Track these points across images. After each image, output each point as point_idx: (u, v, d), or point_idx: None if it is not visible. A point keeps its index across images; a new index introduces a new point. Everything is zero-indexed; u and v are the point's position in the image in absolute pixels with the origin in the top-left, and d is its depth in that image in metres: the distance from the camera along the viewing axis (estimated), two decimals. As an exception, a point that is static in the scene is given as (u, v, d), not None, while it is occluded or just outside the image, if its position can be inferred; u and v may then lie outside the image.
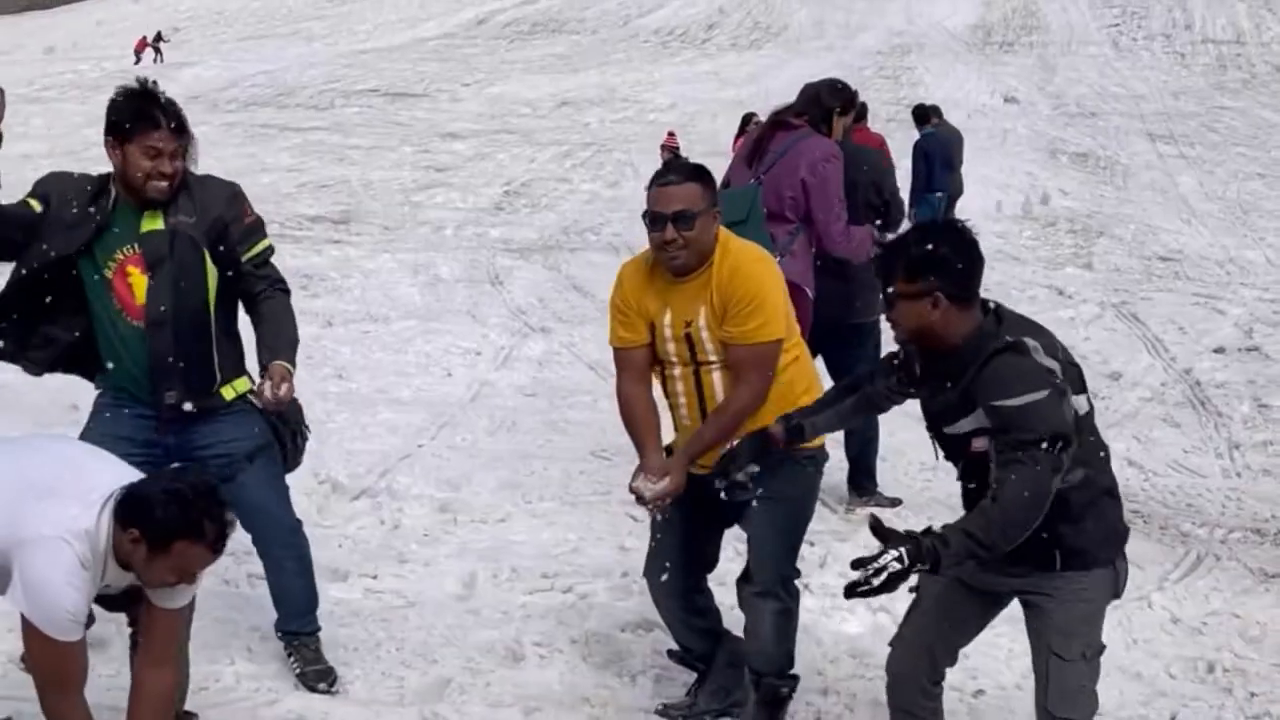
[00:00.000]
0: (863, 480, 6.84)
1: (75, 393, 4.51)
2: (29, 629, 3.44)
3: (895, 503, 6.78)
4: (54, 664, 3.49)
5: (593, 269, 15.15)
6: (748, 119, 17.22)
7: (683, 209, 4.07)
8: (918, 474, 7.40)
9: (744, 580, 4.43)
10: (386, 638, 5.09)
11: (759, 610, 4.35)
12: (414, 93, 35.64)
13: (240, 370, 4.48)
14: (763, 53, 43.60)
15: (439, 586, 5.64)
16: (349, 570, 5.71)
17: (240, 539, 4.96)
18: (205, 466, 4.35)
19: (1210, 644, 5.33)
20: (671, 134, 18.12)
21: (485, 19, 53.40)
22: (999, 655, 4.96)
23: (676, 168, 4.29)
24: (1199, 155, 26.15)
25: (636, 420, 4.33)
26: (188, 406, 4.31)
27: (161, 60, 46.13)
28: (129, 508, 3.47)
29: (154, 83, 4.33)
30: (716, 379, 4.19)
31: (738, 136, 17.24)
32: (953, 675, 4.06)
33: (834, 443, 4.91)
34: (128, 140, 4.17)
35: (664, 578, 4.47)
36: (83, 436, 4.24)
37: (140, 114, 4.19)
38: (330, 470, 6.94)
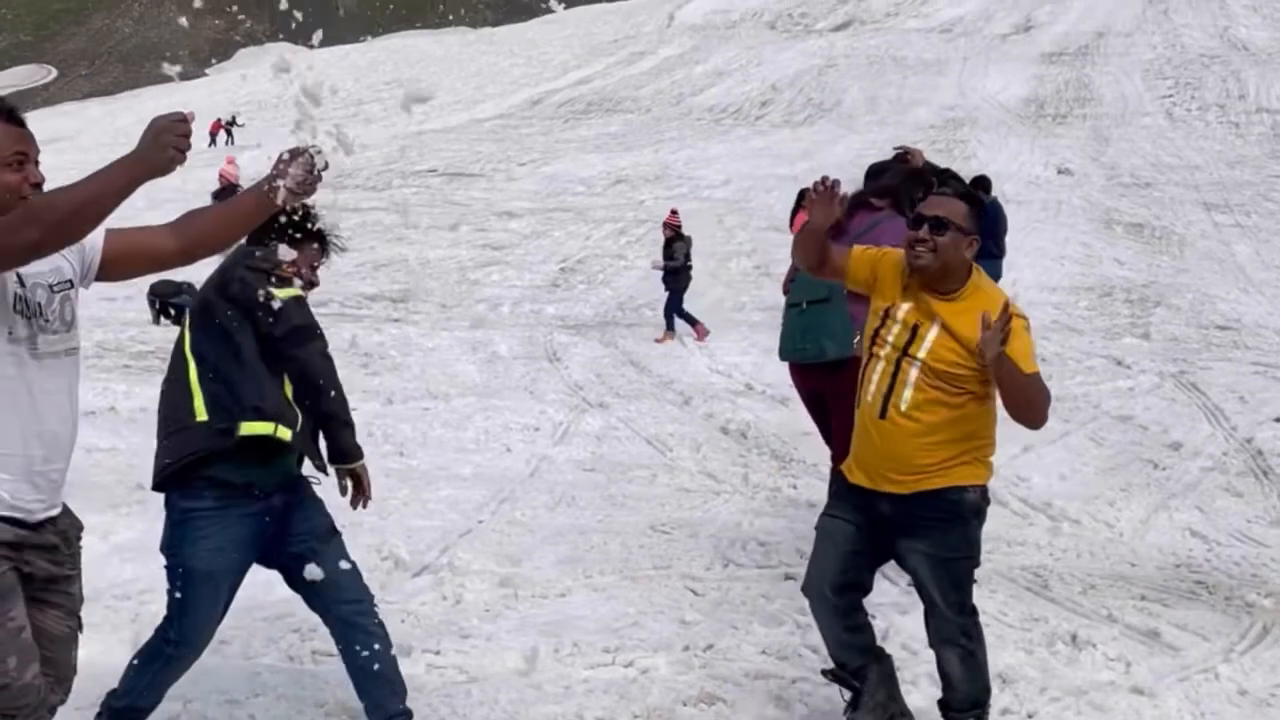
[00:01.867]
0: None
1: (141, 474, 4.61)
2: None
3: None
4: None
5: (649, 344, 15.26)
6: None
7: (941, 215, 4.42)
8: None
9: (927, 626, 4.63)
10: (450, 713, 5.11)
11: (945, 656, 4.58)
12: (470, 172, 36.08)
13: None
14: (816, 129, 43.81)
15: (501, 661, 5.66)
16: (411, 645, 5.74)
17: (304, 615, 5.05)
18: (297, 549, 4.47)
19: (1278, 715, 5.27)
20: (674, 212, 18.57)
21: (540, 99, 54.02)
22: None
23: (955, 185, 4.76)
24: (1255, 224, 25.99)
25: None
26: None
27: (233, 143, 47.51)
28: None
29: None
30: (911, 376, 4.41)
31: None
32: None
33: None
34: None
35: (822, 598, 4.67)
36: (208, 552, 4.25)
37: None
38: (392, 547, 7.01)
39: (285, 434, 4.30)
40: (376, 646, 4.57)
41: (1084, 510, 8.15)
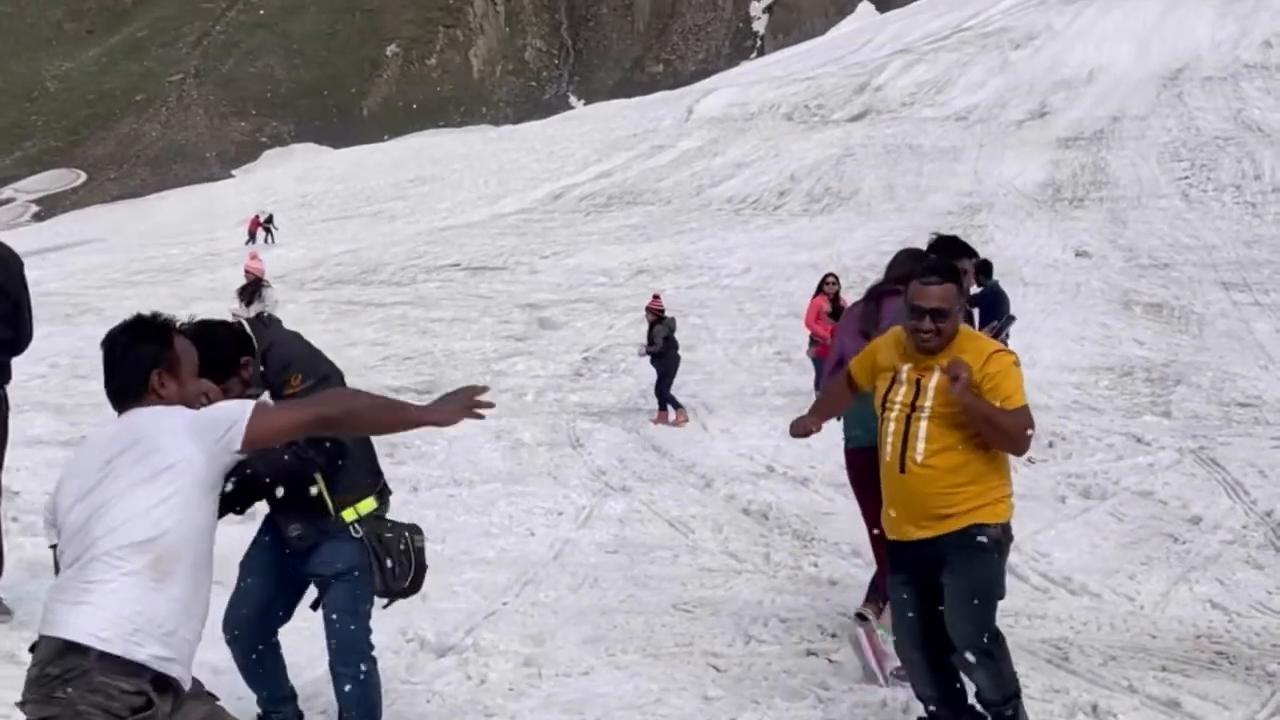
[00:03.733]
0: None
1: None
2: None
3: None
4: None
5: (671, 430, 15.36)
6: (824, 281, 17.62)
7: (940, 306, 4.83)
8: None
9: (951, 649, 4.98)
10: (475, 788, 5.18)
11: (966, 661, 4.91)
12: (494, 266, 36.41)
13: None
14: (834, 217, 44.12)
15: (525, 739, 5.74)
16: (437, 724, 5.83)
17: (331, 695, 5.14)
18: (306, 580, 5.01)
19: (1299, 782, 5.30)
20: (656, 297, 18.90)
21: (561, 194, 54.56)
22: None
23: (939, 269, 5.01)
24: (1274, 302, 26.02)
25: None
26: (296, 532, 4.89)
27: (273, 241, 48.14)
28: None
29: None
30: (923, 427, 4.82)
31: (815, 296, 17.59)
32: None
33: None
34: None
35: (909, 660, 5.18)
36: (248, 557, 5.16)
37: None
38: (417, 629, 7.10)
39: None
40: (343, 689, 4.98)
41: (1104, 584, 8.19)
